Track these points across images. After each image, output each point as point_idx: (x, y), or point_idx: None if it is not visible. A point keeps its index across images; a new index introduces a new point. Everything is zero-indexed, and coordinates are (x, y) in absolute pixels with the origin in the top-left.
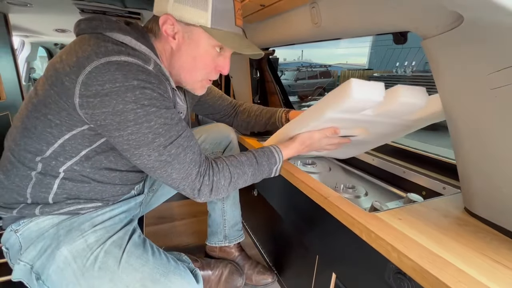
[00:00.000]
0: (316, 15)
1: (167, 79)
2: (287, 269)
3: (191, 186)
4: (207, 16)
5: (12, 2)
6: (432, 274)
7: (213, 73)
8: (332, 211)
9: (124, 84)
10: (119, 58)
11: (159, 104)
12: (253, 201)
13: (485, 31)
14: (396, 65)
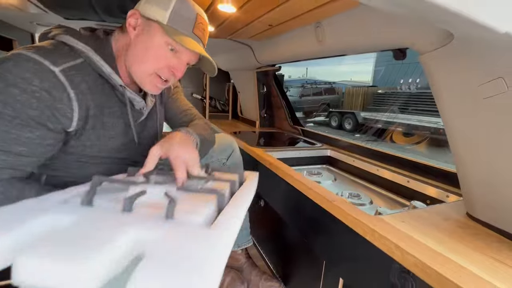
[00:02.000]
0: (320, 33)
1: (107, 77)
2: (293, 279)
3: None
4: (165, 15)
5: (41, 24)
6: (434, 269)
7: (165, 71)
8: (338, 215)
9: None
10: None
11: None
12: (260, 212)
13: (473, 46)
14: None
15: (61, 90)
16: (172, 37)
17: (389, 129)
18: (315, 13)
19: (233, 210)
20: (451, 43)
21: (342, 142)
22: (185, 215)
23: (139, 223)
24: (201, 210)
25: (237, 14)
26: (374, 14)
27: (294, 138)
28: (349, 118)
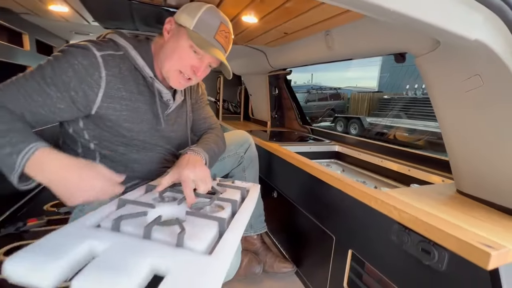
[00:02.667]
0: (330, 40)
1: (140, 69)
2: (305, 261)
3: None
4: (192, 22)
5: (78, 33)
6: (423, 221)
7: (188, 70)
8: (347, 190)
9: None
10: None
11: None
12: (273, 203)
13: (456, 50)
14: (406, 87)
15: (95, 68)
16: (195, 42)
17: (395, 133)
18: (325, 23)
19: (230, 236)
20: (439, 48)
21: (349, 139)
22: (191, 241)
23: (155, 251)
24: (205, 236)
25: (257, 24)
26: (377, 24)
27: (304, 136)
28: (354, 123)
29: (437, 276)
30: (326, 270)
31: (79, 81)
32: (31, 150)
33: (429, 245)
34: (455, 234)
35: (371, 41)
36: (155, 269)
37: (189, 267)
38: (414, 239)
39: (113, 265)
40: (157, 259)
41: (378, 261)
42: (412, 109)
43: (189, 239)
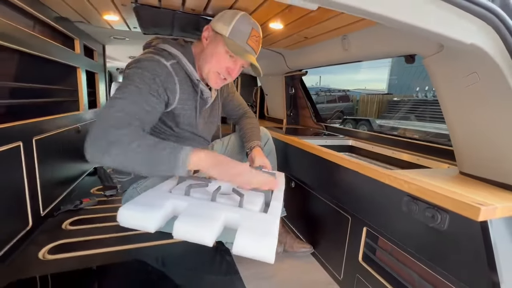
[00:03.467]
0: (346, 44)
1: (189, 73)
2: (322, 243)
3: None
4: (228, 29)
5: (117, 37)
6: (429, 189)
7: (224, 72)
8: (363, 171)
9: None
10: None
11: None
12: (291, 193)
13: (457, 52)
14: (417, 89)
15: (171, 76)
16: (230, 48)
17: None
18: (343, 29)
19: (276, 203)
20: (443, 50)
21: (362, 134)
22: (248, 205)
23: (225, 209)
24: (257, 202)
25: (282, 29)
26: (389, 29)
27: (319, 132)
28: (364, 125)
29: (440, 235)
30: (342, 249)
31: (164, 88)
32: (188, 148)
33: (434, 210)
34: (453, 197)
35: (384, 44)
36: (227, 220)
37: (253, 219)
38: (421, 207)
39: (199, 215)
40: (229, 213)
41: (390, 233)
42: (423, 111)
43: (246, 203)
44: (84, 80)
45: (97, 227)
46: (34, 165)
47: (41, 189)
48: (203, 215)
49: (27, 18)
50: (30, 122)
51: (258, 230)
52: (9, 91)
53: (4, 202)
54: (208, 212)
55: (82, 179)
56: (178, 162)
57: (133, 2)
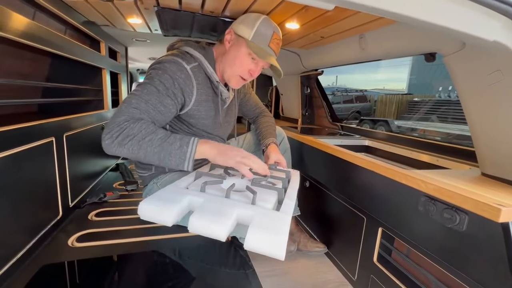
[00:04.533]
0: (363, 43)
1: (209, 75)
2: (336, 242)
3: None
4: (251, 33)
5: (139, 39)
6: (447, 189)
7: (246, 74)
8: (379, 171)
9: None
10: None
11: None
12: (305, 192)
13: (480, 50)
14: (439, 89)
15: (189, 79)
16: (253, 50)
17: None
18: (360, 28)
19: (288, 201)
20: (465, 48)
21: (379, 134)
22: (261, 202)
23: (238, 206)
24: (270, 200)
25: (298, 29)
26: (409, 27)
27: (335, 132)
28: (382, 126)
29: (459, 237)
30: (356, 249)
31: (181, 91)
32: (195, 141)
33: (452, 210)
34: (472, 197)
35: (402, 42)
36: (239, 216)
37: (265, 216)
38: (439, 207)
39: (213, 210)
40: (242, 210)
41: (406, 234)
42: (445, 112)
43: (259, 200)
44: (109, 80)
45: (119, 219)
46: (64, 159)
47: (70, 182)
48: (217, 211)
49: (60, 23)
50: (62, 119)
51: (269, 227)
52: (44, 90)
53: (39, 193)
54: (222, 208)
55: (105, 174)
56: (186, 155)
57: (155, 6)
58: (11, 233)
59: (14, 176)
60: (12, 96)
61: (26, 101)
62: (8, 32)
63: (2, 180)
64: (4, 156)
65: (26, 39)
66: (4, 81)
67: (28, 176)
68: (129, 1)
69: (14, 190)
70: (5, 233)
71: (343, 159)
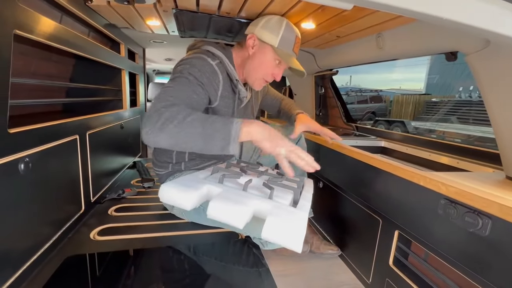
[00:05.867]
0: (381, 42)
1: (229, 73)
2: (350, 245)
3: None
4: (277, 40)
5: (156, 41)
6: (469, 192)
7: (269, 77)
8: (396, 172)
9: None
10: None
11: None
12: (319, 193)
13: (505, 49)
14: (460, 89)
15: (216, 74)
16: (281, 57)
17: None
18: (377, 27)
19: (304, 202)
20: (489, 46)
21: (395, 135)
22: (278, 198)
23: (256, 199)
24: (286, 197)
25: (314, 29)
26: (429, 25)
27: (349, 132)
28: (397, 127)
29: (482, 242)
30: (371, 252)
31: (210, 83)
32: (238, 120)
33: (474, 214)
34: (497, 201)
35: (422, 41)
36: (257, 208)
37: (283, 210)
38: (460, 211)
39: (232, 199)
40: (259, 202)
41: (424, 237)
42: (466, 113)
43: (275, 196)
44: (128, 81)
45: (137, 214)
46: (87, 156)
47: (92, 179)
48: (236, 200)
49: (84, 26)
50: (85, 118)
51: (288, 219)
52: (69, 89)
53: (64, 188)
54: (240, 198)
55: (123, 172)
56: (230, 134)
57: (173, 8)
58: (40, 226)
59: (43, 171)
60: (41, 95)
61: (52, 100)
62: (37, 35)
63: (33, 175)
64: (34, 152)
65: (54, 42)
66: (35, 81)
67: (55, 172)
68: (148, 4)
69: (43, 185)
70: (34, 226)
71: (359, 160)
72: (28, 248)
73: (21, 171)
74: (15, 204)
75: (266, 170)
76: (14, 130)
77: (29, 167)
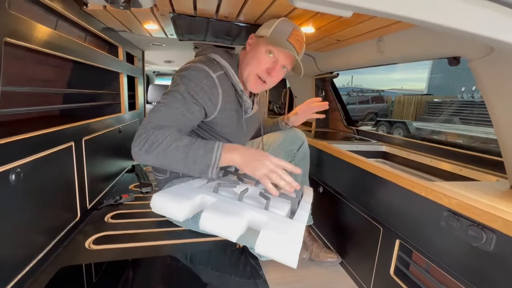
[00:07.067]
0: (382, 46)
1: (234, 84)
2: (350, 252)
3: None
4: (269, 31)
5: (154, 43)
6: (473, 205)
7: (263, 73)
8: (397, 181)
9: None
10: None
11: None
12: (318, 198)
13: (511, 56)
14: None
15: (215, 88)
16: (272, 45)
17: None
18: (378, 31)
19: (302, 212)
20: (493, 53)
21: (396, 140)
22: (274, 209)
23: (251, 209)
24: (283, 208)
25: (313, 33)
26: (429, 31)
27: (349, 136)
28: (399, 128)
29: (485, 256)
30: (372, 260)
31: (208, 98)
32: (219, 147)
33: (478, 228)
34: (501, 216)
35: (424, 46)
36: (252, 219)
37: (279, 222)
38: (464, 224)
39: (226, 210)
40: (254, 213)
41: (426, 248)
42: (468, 114)
43: (272, 207)
44: (126, 84)
45: (134, 222)
46: (83, 162)
47: (88, 185)
48: (230, 211)
49: (81, 30)
50: (81, 124)
51: (283, 232)
52: (66, 94)
53: (59, 196)
54: (235, 209)
55: (122, 176)
56: (210, 162)
57: (171, 12)
58: (33, 235)
59: (37, 180)
60: (36, 101)
61: (49, 107)
62: (30, 42)
63: (26, 185)
64: (28, 162)
65: (49, 49)
66: (30, 89)
67: (49, 180)
68: (145, 9)
69: (36, 194)
70: (27, 235)
71: (359, 167)
72: (21, 259)
73: (12, 181)
74: (6, 215)
75: None
76: (4, 140)
77: (21, 177)
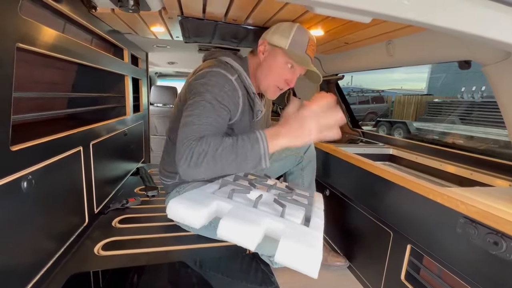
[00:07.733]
0: (391, 49)
1: (247, 86)
2: (359, 256)
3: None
4: (287, 42)
5: (159, 45)
6: (492, 213)
7: (282, 83)
8: (410, 186)
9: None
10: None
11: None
12: (325, 202)
13: None
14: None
15: (236, 91)
16: (292, 58)
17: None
18: (387, 35)
19: (317, 220)
20: (510, 58)
21: (403, 142)
22: (290, 216)
23: (267, 217)
24: (298, 215)
25: (322, 36)
26: (441, 34)
27: (355, 138)
28: (399, 128)
29: (505, 265)
30: (381, 265)
31: (232, 102)
32: (262, 134)
33: (497, 236)
34: None
35: (435, 49)
36: (270, 227)
37: (297, 230)
38: (481, 231)
39: (243, 217)
40: (271, 221)
41: (440, 254)
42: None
43: (287, 215)
44: (131, 86)
45: (141, 226)
46: (90, 167)
47: (96, 189)
48: (247, 219)
49: (87, 33)
50: (89, 128)
51: (303, 241)
52: (72, 98)
53: (68, 201)
54: (252, 216)
55: (127, 179)
56: (260, 153)
57: (179, 15)
58: (43, 242)
59: (46, 187)
60: (43, 103)
61: (58, 112)
62: (40, 46)
63: (36, 192)
64: (38, 169)
65: (57, 53)
66: (39, 94)
67: (58, 186)
68: (154, 11)
69: (46, 200)
70: (37, 243)
71: (368, 171)
72: (31, 267)
73: (24, 189)
74: (18, 224)
75: (275, 183)
76: (16, 147)
77: (32, 184)
